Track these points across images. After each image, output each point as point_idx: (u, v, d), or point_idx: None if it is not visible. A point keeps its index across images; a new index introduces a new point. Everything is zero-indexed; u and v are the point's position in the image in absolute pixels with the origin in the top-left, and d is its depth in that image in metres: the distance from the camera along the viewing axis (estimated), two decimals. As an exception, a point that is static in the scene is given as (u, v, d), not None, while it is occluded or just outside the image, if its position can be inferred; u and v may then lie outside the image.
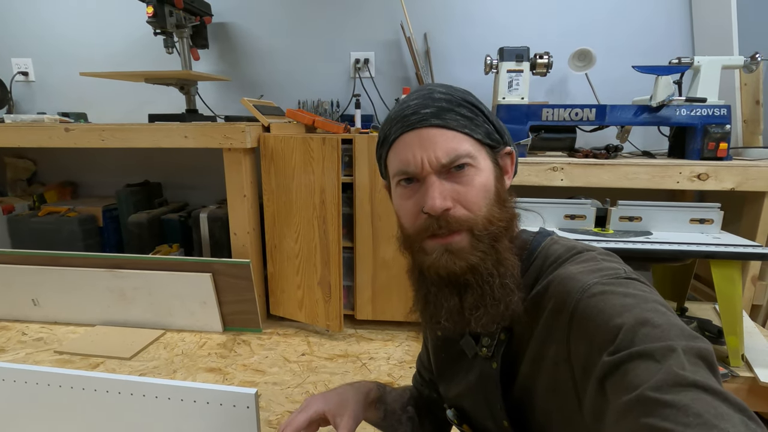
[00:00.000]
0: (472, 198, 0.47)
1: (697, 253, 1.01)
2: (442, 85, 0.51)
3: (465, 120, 0.48)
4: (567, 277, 0.44)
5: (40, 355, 1.26)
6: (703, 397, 0.31)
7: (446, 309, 0.48)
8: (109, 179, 1.99)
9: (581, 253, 0.48)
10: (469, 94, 0.51)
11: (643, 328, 0.36)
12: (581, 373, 0.40)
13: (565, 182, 1.28)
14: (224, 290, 1.39)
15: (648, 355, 0.34)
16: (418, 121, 0.47)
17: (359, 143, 1.36)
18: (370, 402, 0.63)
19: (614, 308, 0.38)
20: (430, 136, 0.47)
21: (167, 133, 1.38)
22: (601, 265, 0.44)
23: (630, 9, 1.66)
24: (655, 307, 0.38)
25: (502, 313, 0.47)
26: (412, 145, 0.47)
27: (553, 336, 0.44)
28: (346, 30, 1.80)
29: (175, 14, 1.57)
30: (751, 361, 1.04)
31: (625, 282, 0.41)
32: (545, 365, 0.46)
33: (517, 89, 1.38)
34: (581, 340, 0.40)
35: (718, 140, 1.26)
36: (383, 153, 0.52)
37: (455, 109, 0.48)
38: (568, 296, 0.42)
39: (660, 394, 0.32)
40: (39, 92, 2.01)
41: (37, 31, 1.94)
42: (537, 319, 0.47)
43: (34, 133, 1.44)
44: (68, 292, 1.43)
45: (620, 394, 0.34)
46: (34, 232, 1.64)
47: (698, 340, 0.35)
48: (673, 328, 0.36)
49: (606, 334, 0.37)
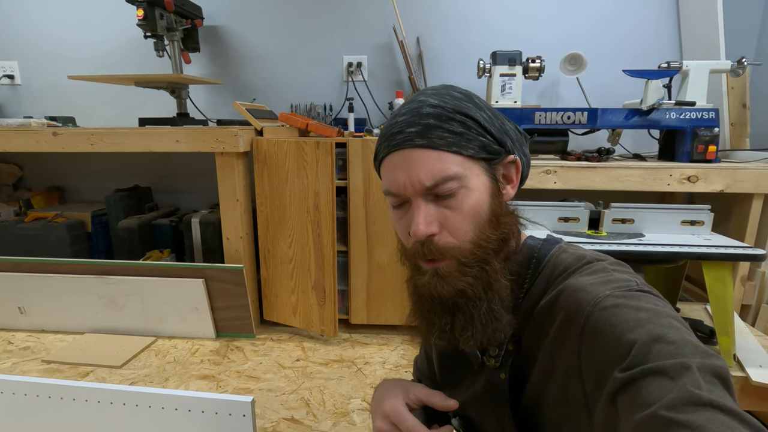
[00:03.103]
0: (458, 224, 0.46)
1: (689, 254, 1.02)
2: (436, 94, 0.48)
3: (454, 136, 0.45)
4: (578, 288, 0.43)
5: (27, 365, 1.23)
6: (719, 417, 0.30)
7: (438, 327, 0.48)
8: (98, 184, 1.96)
9: (592, 263, 0.46)
10: (467, 99, 0.48)
11: (656, 344, 0.35)
12: (593, 387, 0.39)
13: (559, 185, 1.29)
14: (217, 296, 1.37)
15: (662, 372, 0.33)
16: (402, 141, 0.46)
17: (353, 147, 1.36)
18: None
19: (627, 323, 0.38)
20: (414, 158, 0.45)
21: (158, 137, 1.36)
22: (612, 276, 0.43)
23: (620, 15, 1.68)
24: (669, 322, 0.37)
25: (489, 336, 0.46)
26: (397, 167, 0.46)
27: (563, 348, 0.44)
28: (338, 33, 1.80)
29: (166, 17, 1.56)
30: (742, 360, 1.05)
31: (638, 295, 0.40)
32: (555, 377, 0.45)
33: (510, 93, 1.39)
34: (593, 353, 0.40)
35: (707, 143, 1.28)
36: (377, 166, 0.52)
37: (443, 125, 0.45)
38: (578, 308, 0.42)
39: (674, 413, 0.31)
40: (25, 96, 1.97)
41: (24, 33, 1.90)
42: (547, 330, 0.46)
43: (21, 137, 1.41)
44: (56, 300, 1.40)
45: (633, 412, 0.33)
46: (20, 238, 1.61)
47: (713, 358, 0.34)
48: (687, 345, 0.35)
49: (619, 349, 0.37)
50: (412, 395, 0.54)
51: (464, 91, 0.49)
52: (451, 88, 0.50)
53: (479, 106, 0.48)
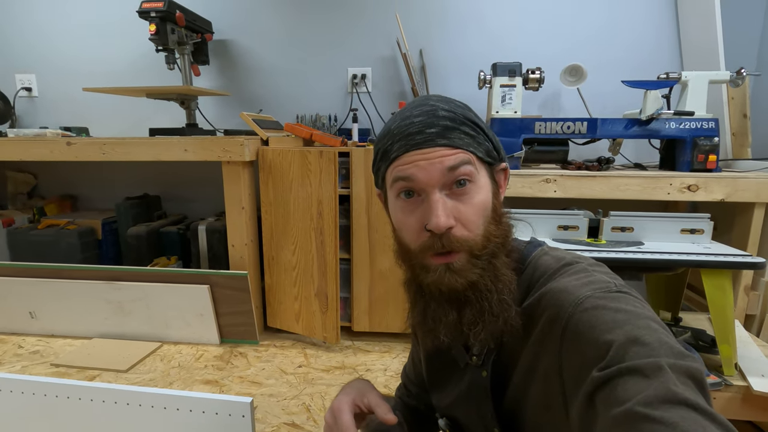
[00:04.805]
0: (471, 217, 0.48)
1: (687, 262, 1.03)
2: (442, 100, 0.50)
3: (469, 138, 0.48)
4: (559, 290, 0.45)
5: (36, 368, 1.26)
6: (692, 415, 0.31)
7: (445, 323, 0.49)
8: (109, 192, 2.01)
9: (571, 264, 0.48)
10: (469, 109, 0.51)
11: (633, 346, 0.36)
12: (571, 387, 0.41)
13: (558, 194, 1.30)
14: (221, 302, 1.39)
15: (638, 370, 0.35)
16: (423, 141, 0.47)
17: (356, 156, 1.38)
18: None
19: (606, 324, 0.39)
20: (436, 154, 0.47)
21: (167, 146, 1.40)
22: (593, 277, 0.45)
23: (619, 26, 1.71)
24: (646, 324, 0.38)
25: (500, 327, 0.47)
26: (418, 162, 0.47)
27: (545, 348, 0.45)
28: (343, 46, 1.84)
29: (177, 32, 1.61)
30: (744, 370, 1.05)
31: (617, 296, 0.42)
32: (537, 377, 0.46)
33: (510, 103, 1.42)
34: (573, 354, 0.41)
35: (707, 152, 1.29)
36: (382, 167, 0.52)
37: (459, 127, 0.48)
38: (560, 309, 0.43)
39: (649, 409, 0.32)
40: (42, 107, 2.04)
41: (41, 48, 1.98)
42: (530, 332, 0.47)
43: (37, 146, 1.46)
44: (66, 305, 1.43)
45: (609, 408, 0.34)
46: (33, 244, 1.65)
47: (687, 359, 0.36)
48: (663, 347, 0.36)
49: (597, 350, 0.38)
50: (366, 399, 0.56)
51: (463, 103, 0.53)
52: (449, 98, 0.52)
53: (478, 116, 0.52)
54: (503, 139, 1.37)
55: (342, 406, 0.55)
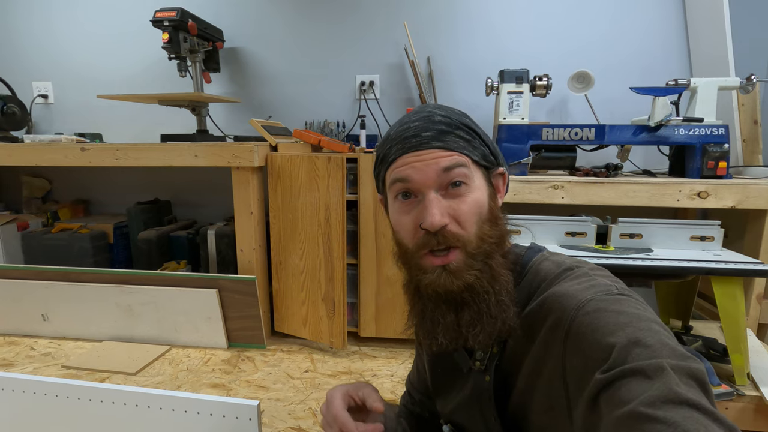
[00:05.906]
0: (465, 215, 0.49)
1: (697, 269, 1.01)
2: (440, 107, 0.53)
3: (463, 142, 0.50)
4: (561, 295, 0.45)
5: (47, 370, 1.28)
6: (695, 415, 0.31)
7: (443, 325, 0.49)
8: (121, 198, 2.04)
9: (572, 269, 0.49)
10: (466, 116, 0.53)
11: (635, 348, 0.37)
12: (575, 390, 0.41)
13: (566, 200, 1.30)
14: (230, 306, 1.40)
15: (640, 372, 0.35)
16: (419, 144, 0.49)
17: (363, 162, 1.40)
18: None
19: (608, 326, 0.39)
20: (431, 156, 0.49)
21: (178, 152, 1.43)
22: (594, 281, 0.45)
23: (627, 32, 1.70)
24: (648, 326, 0.39)
25: (499, 329, 0.48)
26: (413, 163, 0.49)
27: (549, 353, 0.45)
28: (352, 54, 1.87)
29: (189, 40, 1.65)
30: (757, 380, 1.03)
31: (619, 299, 0.42)
32: (541, 382, 0.46)
33: (518, 110, 1.42)
34: (576, 357, 0.41)
35: (717, 159, 1.28)
36: (382, 170, 0.54)
37: (454, 131, 0.50)
38: (563, 313, 0.43)
39: (652, 409, 0.32)
40: (57, 114, 2.09)
41: (58, 56, 2.03)
42: (533, 336, 0.47)
43: (52, 152, 1.50)
44: (77, 308, 1.46)
45: (613, 409, 0.35)
46: (46, 248, 1.68)
47: (689, 360, 0.36)
48: (664, 348, 0.36)
49: (600, 352, 0.38)
50: (360, 392, 0.58)
51: (461, 111, 0.54)
52: (448, 107, 0.54)
53: (476, 123, 0.54)
54: (510, 146, 1.38)
55: (334, 394, 0.57)
